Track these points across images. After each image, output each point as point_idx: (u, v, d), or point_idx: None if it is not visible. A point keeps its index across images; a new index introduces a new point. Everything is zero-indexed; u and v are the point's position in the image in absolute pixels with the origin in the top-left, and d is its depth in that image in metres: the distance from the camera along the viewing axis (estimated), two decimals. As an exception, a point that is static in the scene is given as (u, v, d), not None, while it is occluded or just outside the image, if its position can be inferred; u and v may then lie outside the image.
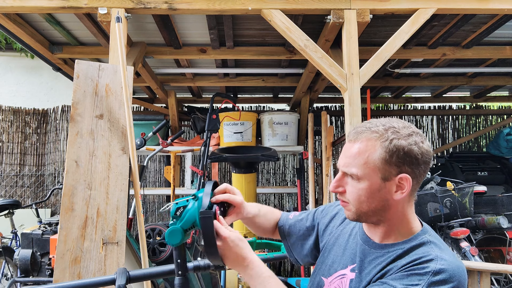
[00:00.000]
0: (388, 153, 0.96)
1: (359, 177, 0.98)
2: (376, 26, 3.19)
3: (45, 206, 5.71)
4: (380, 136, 0.97)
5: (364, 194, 0.99)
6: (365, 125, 1.01)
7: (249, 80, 4.59)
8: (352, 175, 0.99)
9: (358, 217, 1.03)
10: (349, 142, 1.02)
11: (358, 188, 0.99)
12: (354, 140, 1.00)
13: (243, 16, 2.95)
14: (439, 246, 0.99)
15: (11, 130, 5.87)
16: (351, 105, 2.59)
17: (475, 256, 2.96)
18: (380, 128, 0.98)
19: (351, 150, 1.00)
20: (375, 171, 0.97)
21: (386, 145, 0.96)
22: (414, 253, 0.97)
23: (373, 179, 0.97)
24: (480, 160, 4.89)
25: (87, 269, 1.98)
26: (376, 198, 0.99)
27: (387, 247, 1.03)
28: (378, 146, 0.96)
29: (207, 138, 3.72)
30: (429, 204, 3.24)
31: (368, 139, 0.98)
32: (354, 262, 1.08)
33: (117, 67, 2.35)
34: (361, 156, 0.98)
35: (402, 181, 0.97)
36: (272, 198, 5.97)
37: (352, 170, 0.99)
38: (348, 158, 1.00)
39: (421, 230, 1.04)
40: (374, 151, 0.97)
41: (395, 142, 0.96)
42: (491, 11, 2.74)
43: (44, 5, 2.57)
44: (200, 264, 1.26)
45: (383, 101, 5.88)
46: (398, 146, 0.95)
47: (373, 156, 0.97)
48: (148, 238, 2.90)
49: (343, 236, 1.17)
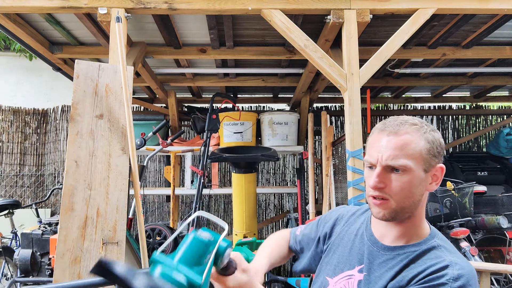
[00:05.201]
0: (430, 143, 0.98)
1: (406, 168, 0.96)
2: (376, 26, 3.19)
3: (45, 206, 5.71)
4: (420, 127, 0.98)
5: (408, 187, 0.97)
6: (397, 119, 1.01)
7: (249, 80, 4.59)
8: (399, 167, 0.96)
9: (396, 213, 1.00)
10: (388, 135, 0.98)
11: (403, 181, 0.97)
12: (396, 132, 0.98)
13: (243, 16, 2.95)
14: (449, 250, 1.00)
15: (11, 130, 5.87)
16: (351, 105, 2.58)
17: (475, 256, 2.96)
18: (416, 121, 1.00)
19: (395, 142, 0.97)
20: (420, 162, 0.97)
21: (427, 136, 0.98)
22: (427, 258, 0.97)
23: (418, 171, 0.97)
24: (480, 160, 4.89)
25: (87, 269, 1.98)
26: (418, 191, 0.99)
27: (397, 250, 1.02)
28: (422, 137, 0.97)
29: (207, 138, 3.72)
30: (429, 204, 3.24)
31: (411, 130, 0.98)
32: (362, 263, 1.07)
33: (117, 67, 2.35)
34: (408, 147, 0.96)
35: (438, 172, 1.00)
36: (272, 198, 5.97)
37: (400, 162, 0.96)
38: (394, 150, 0.97)
39: (430, 233, 1.04)
40: (419, 141, 0.97)
41: (433, 133, 0.99)
42: (491, 11, 2.74)
43: (44, 5, 2.57)
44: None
45: (383, 101, 5.88)
46: (437, 138, 0.99)
47: (418, 147, 0.97)
48: (148, 238, 2.90)
49: (348, 236, 1.16)
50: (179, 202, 5.32)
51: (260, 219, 5.83)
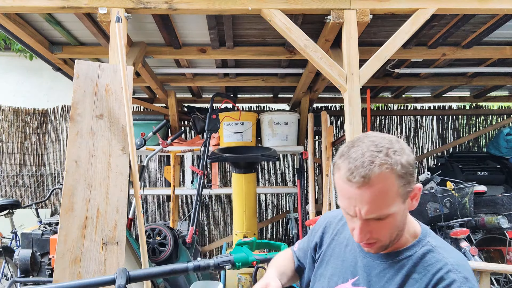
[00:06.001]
0: (402, 176, 0.91)
1: (388, 215, 0.92)
2: (376, 26, 3.19)
3: (45, 206, 5.71)
4: (390, 165, 0.89)
5: (394, 225, 0.95)
6: (362, 160, 0.90)
7: (249, 80, 4.59)
8: (382, 217, 0.92)
9: (387, 247, 0.99)
10: (359, 188, 0.89)
11: (388, 223, 0.94)
12: (368, 183, 0.88)
13: (243, 16, 2.95)
14: (444, 248, 1.00)
15: (11, 130, 5.87)
16: (351, 105, 2.58)
17: (475, 256, 2.96)
18: (382, 156, 0.89)
19: (367, 194, 0.89)
20: (399, 200, 0.92)
21: (398, 171, 0.90)
22: (427, 263, 0.97)
23: (398, 208, 0.93)
24: (480, 160, 4.89)
25: (87, 269, 1.98)
26: (402, 221, 0.97)
27: (392, 256, 1.01)
28: (393, 175, 0.89)
29: (207, 138, 3.72)
30: (429, 204, 3.24)
31: (381, 176, 0.88)
32: (356, 275, 1.05)
33: (117, 67, 2.35)
34: (385, 196, 0.90)
35: (416, 191, 0.96)
36: (272, 198, 5.97)
37: (382, 212, 0.91)
38: (372, 204, 0.90)
39: (421, 232, 1.04)
40: (393, 182, 0.90)
41: (401, 161, 0.90)
42: (491, 11, 2.74)
43: (44, 5, 2.57)
44: (200, 264, 1.26)
45: (383, 101, 5.88)
46: (405, 164, 0.91)
47: (394, 189, 0.90)
48: (148, 238, 2.90)
49: (339, 247, 1.14)
50: (179, 202, 5.33)
51: (260, 219, 5.84)
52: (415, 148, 6.06)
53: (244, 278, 3.38)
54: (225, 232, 5.86)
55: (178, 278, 2.85)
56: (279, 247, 1.66)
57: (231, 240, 4.79)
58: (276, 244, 1.70)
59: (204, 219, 5.87)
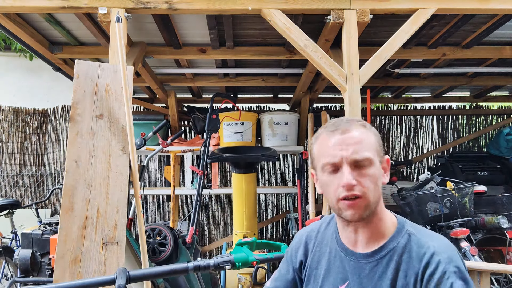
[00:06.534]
0: (377, 136, 1.04)
1: (370, 161, 0.98)
2: (376, 26, 3.19)
3: (45, 206, 5.71)
4: (364, 123, 1.04)
5: (375, 179, 0.99)
6: (343, 119, 1.06)
7: (249, 80, 4.59)
8: (365, 159, 0.98)
9: (370, 209, 0.99)
10: (342, 133, 1.00)
11: (370, 174, 0.98)
12: (349, 130, 1.00)
13: (243, 16, 2.95)
14: (424, 233, 1.03)
15: (11, 130, 5.87)
16: (351, 105, 2.58)
17: (475, 256, 2.96)
18: (357, 119, 1.06)
19: (352, 137, 0.99)
20: (376, 154, 1.01)
21: (373, 131, 1.04)
22: (410, 251, 1.00)
23: (377, 162, 1.01)
24: (480, 160, 4.88)
25: (87, 269, 1.98)
26: (380, 183, 1.01)
27: (377, 253, 1.02)
28: (370, 131, 1.03)
29: (207, 138, 3.72)
30: (429, 204, 3.24)
31: (359, 125, 1.02)
32: (345, 281, 1.05)
33: (117, 67, 2.35)
34: (365, 140, 1.00)
35: (386, 163, 1.05)
36: (272, 198, 5.97)
37: (365, 154, 0.98)
38: (355, 145, 0.98)
39: (398, 222, 1.06)
40: (370, 135, 1.02)
41: (373, 128, 1.05)
42: (491, 11, 2.74)
43: (44, 5, 2.57)
44: (200, 264, 1.26)
45: (383, 101, 5.88)
46: (377, 133, 1.06)
47: (372, 139, 1.02)
48: (148, 238, 2.90)
49: (324, 257, 1.13)
50: (179, 202, 5.33)
51: (260, 219, 5.84)
52: (415, 148, 6.07)
53: (244, 278, 3.38)
54: (225, 232, 5.86)
55: (178, 278, 2.84)
56: (279, 247, 1.66)
57: (231, 240, 4.79)
58: (276, 244, 1.70)
59: (204, 219, 5.87)
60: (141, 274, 1.20)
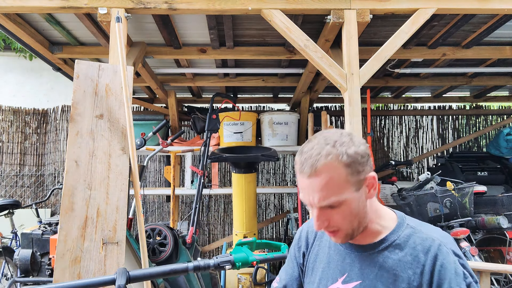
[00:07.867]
0: (350, 165, 0.97)
1: (340, 202, 0.98)
2: (376, 26, 3.19)
3: (45, 206, 5.71)
4: (335, 155, 0.96)
5: (350, 213, 1.00)
6: (311, 152, 0.97)
7: (249, 80, 4.59)
8: (333, 204, 0.98)
9: (352, 235, 1.04)
10: (309, 178, 0.97)
11: (343, 211, 0.99)
12: (315, 173, 0.96)
13: (243, 16, 2.95)
14: (425, 226, 1.06)
15: (11, 130, 5.87)
16: (351, 105, 2.58)
17: (475, 256, 2.96)
18: (328, 148, 0.96)
19: (316, 183, 0.96)
20: (349, 188, 0.97)
21: (344, 160, 0.96)
22: (413, 243, 1.02)
23: (351, 195, 0.98)
24: (480, 160, 4.89)
25: (87, 269, 1.98)
26: (360, 208, 1.01)
27: (378, 245, 1.05)
28: (340, 165, 0.96)
29: (207, 138, 3.72)
30: (429, 204, 3.24)
31: (328, 163, 0.95)
32: (344, 273, 1.07)
33: (117, 67, 2.35)
34: (331, 183, 0.96)
35: (371, 180, 1.02)
36: (272, 198, 5.97)
37: (331, 200, 0.97)
38: (320, 192, 0.96)
39: (398, 217, 1.09)
40: (340, 172, 0.96)
41: (347, 151, 0.97)
42: (491, 11, 2.74)
43: (44, 5, 2.57)
44: (200, 264, 1.26)
45: (383, 101, 5.88)
46: (352, 154, 0.97)
47: (341, 177, 0.96)
48: (148, 238, 2.90)
49: (322, 250, 1.17)
50: (179, 202, 5.33)
51: (260, 219, 5.84)
52: (415, 148, 6.07)
53: (244, 278, 3.38)
54: (225, 232, 5.86)
55: (178, 278, 2.85)
56: (279, 247, 1.65)
57: (231, 240, 4.79)
58: (276, 244, 1.70)
59: (204, 219, 5.87)
60: (141, 274, 1.20)
